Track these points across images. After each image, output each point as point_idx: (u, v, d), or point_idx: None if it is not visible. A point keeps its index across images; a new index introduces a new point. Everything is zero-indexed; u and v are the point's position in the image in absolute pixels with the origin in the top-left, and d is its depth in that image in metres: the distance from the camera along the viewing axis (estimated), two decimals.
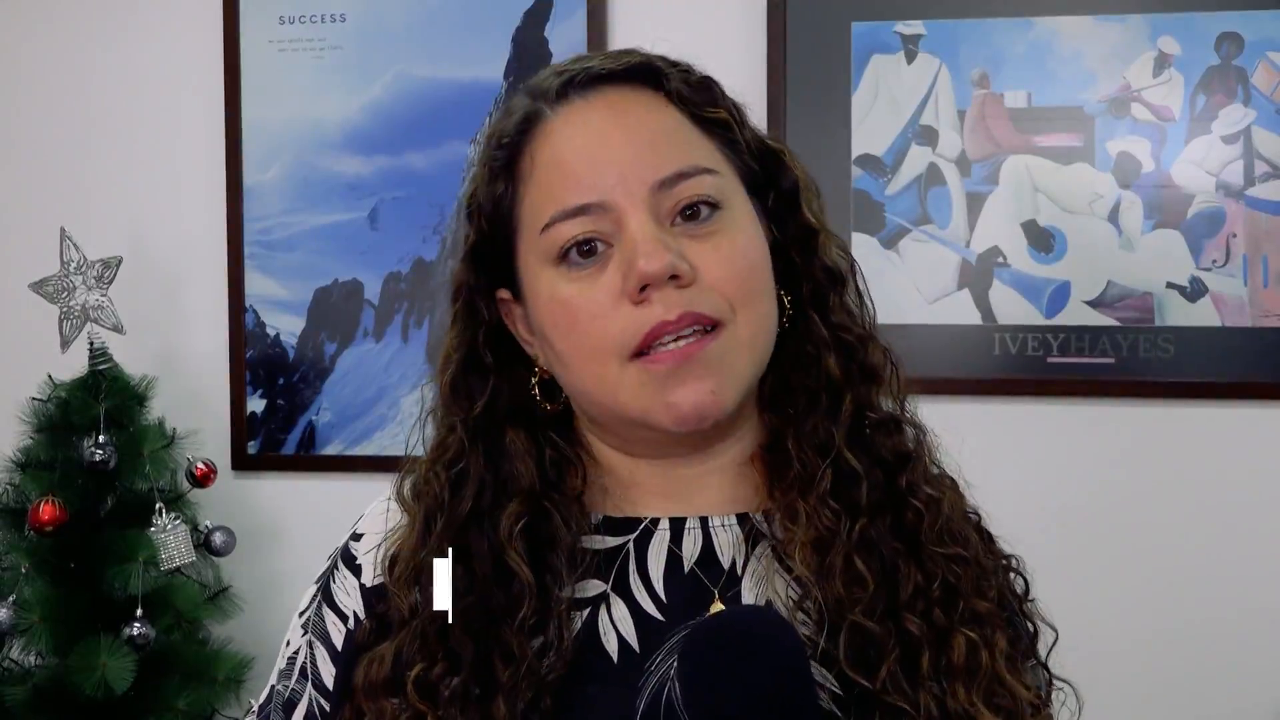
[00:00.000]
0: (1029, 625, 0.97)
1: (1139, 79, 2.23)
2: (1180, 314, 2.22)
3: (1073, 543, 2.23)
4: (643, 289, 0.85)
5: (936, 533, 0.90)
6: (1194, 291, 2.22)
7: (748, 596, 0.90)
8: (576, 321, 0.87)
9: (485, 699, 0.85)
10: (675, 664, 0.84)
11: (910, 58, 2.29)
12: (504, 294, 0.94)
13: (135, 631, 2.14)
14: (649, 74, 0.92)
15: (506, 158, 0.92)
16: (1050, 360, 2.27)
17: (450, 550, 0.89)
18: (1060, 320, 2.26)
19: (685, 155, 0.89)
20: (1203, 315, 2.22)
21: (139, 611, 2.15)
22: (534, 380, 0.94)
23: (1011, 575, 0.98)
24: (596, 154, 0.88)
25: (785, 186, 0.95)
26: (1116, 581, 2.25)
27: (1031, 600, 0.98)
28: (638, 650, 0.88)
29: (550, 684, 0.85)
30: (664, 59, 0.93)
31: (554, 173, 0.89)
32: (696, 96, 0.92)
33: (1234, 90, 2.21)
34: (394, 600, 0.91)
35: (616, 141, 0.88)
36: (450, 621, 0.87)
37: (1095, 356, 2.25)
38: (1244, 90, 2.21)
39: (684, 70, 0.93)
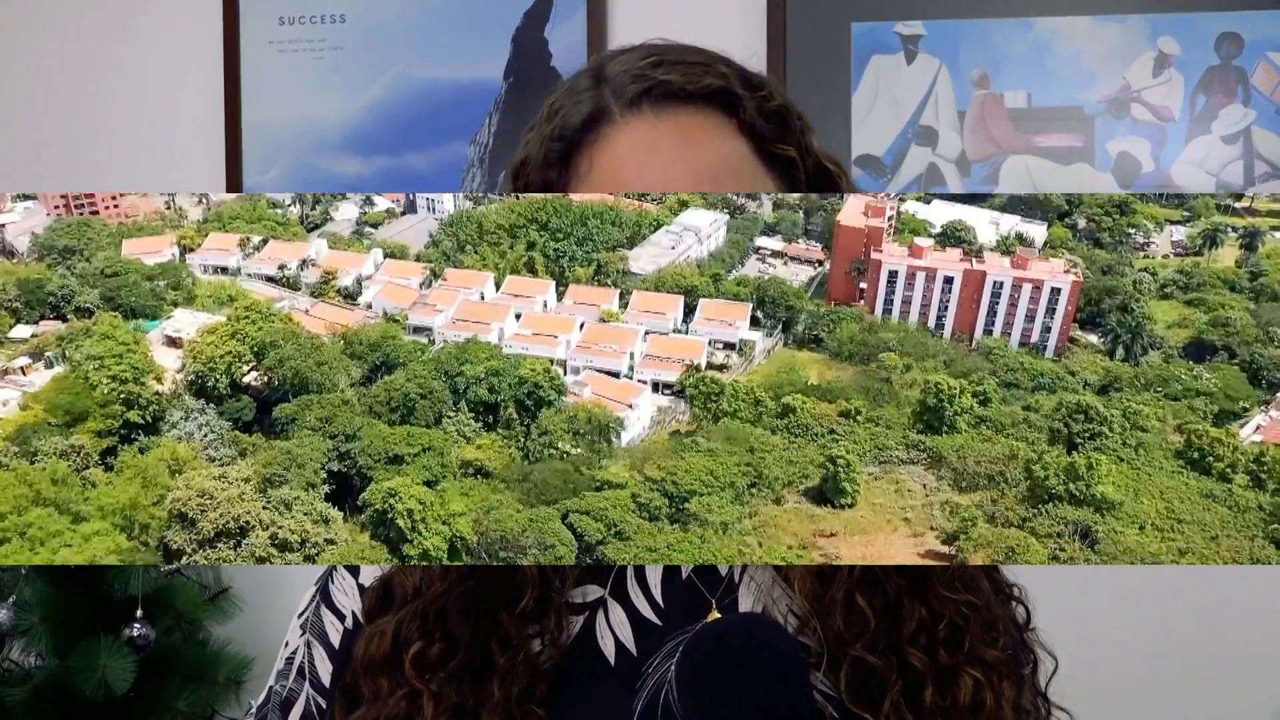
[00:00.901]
0: (1030, 654, 0.98)
1: (1139, 79, 2.23)
2: None
3: None
4: None
5: (948, 578, 0.90)
6: None
7: (745, 606, 0.90)
8: None
9: (480, 681, 0.86)
10: (673, 668, 0.84)
11: (910, 58, 2.29)
12: None
13: (135, 632, 2.14)
14: (726, 99, 0.92)
15: (564, 150, 0.92)
16: None
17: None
18: None
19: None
20: None
21: (139, 612, 2.16)
22: None
23: (1013, 604, 0.98)
24: (655, 179, 0.89)
25: None
26: (1117, 582, 2.25)
27: (1033, 629, 0.98)
28: (635, 654, 0.89)
29: (545, 672, 0.87)
30: (745, 80, 0.93)
31: (610, 185, 0.90)
32: (768, 130, 0.92)
33: (1234, 90, 2.21)
34: (398, 575, 0.92)
35: (678, 170, 0.89)
36: (449, 604, 0.89)
37: None
38: (1244, 90, 2.21)
39: (763, 96, 0.93)
